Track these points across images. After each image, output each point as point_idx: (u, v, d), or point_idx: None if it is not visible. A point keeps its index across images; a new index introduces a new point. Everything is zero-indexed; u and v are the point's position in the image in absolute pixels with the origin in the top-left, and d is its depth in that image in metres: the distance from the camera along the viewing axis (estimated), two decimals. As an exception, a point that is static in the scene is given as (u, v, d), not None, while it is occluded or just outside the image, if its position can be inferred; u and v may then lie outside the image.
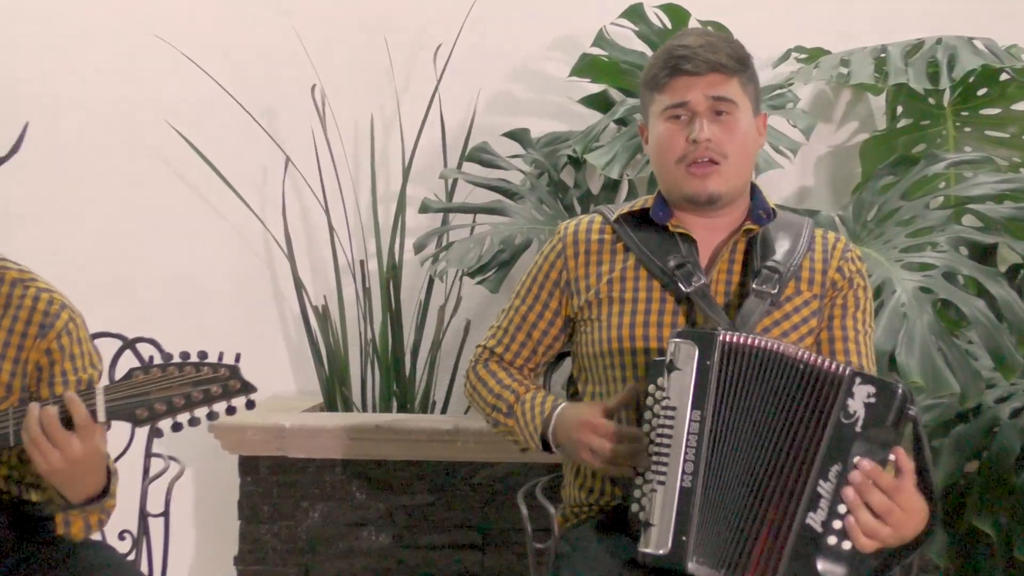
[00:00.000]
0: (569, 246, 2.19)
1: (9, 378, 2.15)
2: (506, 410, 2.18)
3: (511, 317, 2.25)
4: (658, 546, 1.84)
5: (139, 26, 3.36)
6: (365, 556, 3.01)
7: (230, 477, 3.08)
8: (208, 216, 3.42)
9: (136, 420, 1.90)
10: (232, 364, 1.91)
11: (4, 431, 1.95)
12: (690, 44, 2.07)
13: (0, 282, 2.18)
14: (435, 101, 3.27)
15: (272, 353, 3.42)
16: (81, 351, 2.21)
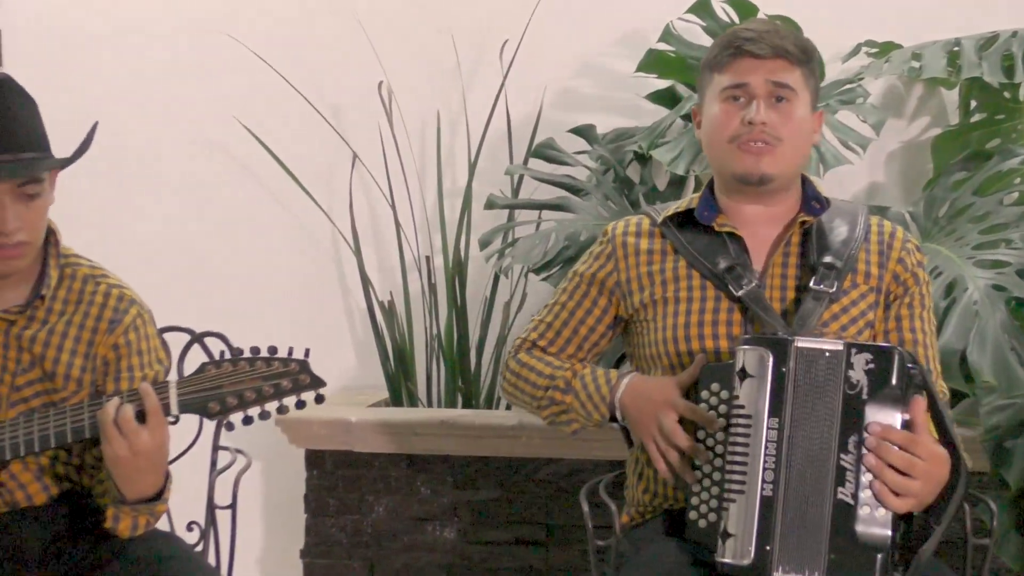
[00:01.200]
0: (619, 248, 2.17)
1: (80, 373, 2.18)
2: (563, 386, 2.13)
3: (556, 312, 2.22)
4: (740, 556, 1.84)
5: (209, 24, 3.40)
6: (429, 551, 3.02)
7: (297, 471, 3.11)
8: (276, 212, 3.45)
9: (208, 413, 1.93)
10: (302, 359, 1.93)
11: (79, 424, 1.98)
12: (756, 28, 2.06)
13: (72, 278, 2.22)
14: (501, 97, 3.27)
15: (338, 348, 3.45)
16: (148, 347, 2.24)
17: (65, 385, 2.16)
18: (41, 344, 2.16)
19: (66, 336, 2.17)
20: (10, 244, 2.06)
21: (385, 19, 3.37)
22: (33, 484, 2.18)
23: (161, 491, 2.06)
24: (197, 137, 3.46)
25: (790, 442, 1.85)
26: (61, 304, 2.19)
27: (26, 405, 2.16)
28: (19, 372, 2.16)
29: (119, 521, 2.11)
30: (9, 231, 2.05)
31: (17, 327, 2.15)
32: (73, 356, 2.17)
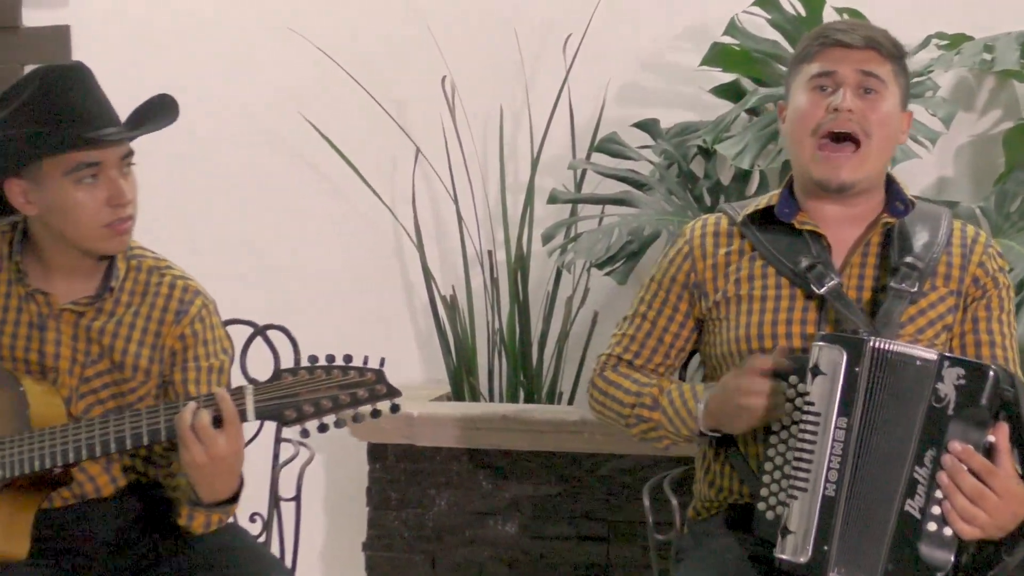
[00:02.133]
0: (696, 248, 2.15)
1: (148, 363, 2.21)
2: (651, 403, 2.10)
3: (638, 324, 2.19)
4: (797, 553, 1.83)
5: (273, 19, 3.43)
6: (491, 545, 3.02)
7: (359, 464, 3.13)
8: (339, 207, 3.47)
9: (284, 421, 1.93)
10: (378, 368, 1.93)
11: (155, 426, 2.00)
12: (852, 21, 2.06)
13: (138, 270, 2.24)
14: (564, 92, 3.26)
15: (400, 342, 3.46)
16: (213, 337, 2.26)
17: (133, 375, 2.19)
18: (110, 335, 2.18)
19: (134, 327, 2.20)
20: (127, 216, 2.11)
21: (449, 14, 3.37)
22: (102, 476, 2.21)
23: (236, 493, 2.08)
24: (261, 131, 3.48)
25: (860, 444, 1.83)
26: (128, 296, 2.21)
27: (95, 396, 2.19)
28: (88, 363, 2.19)
29: (193, 520, 2.14)
30: (127, 200, 2.10)
31: (86, 319, 2.18)
32: (141, 347, 2.20)
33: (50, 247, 2.17)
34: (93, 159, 2.07)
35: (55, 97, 2.06)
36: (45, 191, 2.09)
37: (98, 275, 2.20)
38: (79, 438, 2.01)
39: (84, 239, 2.12)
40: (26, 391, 2.08)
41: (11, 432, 2.06)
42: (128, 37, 3.53)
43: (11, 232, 2.23)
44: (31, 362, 2.18)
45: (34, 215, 2.14)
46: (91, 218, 2.09)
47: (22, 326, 2.18)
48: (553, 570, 2.99)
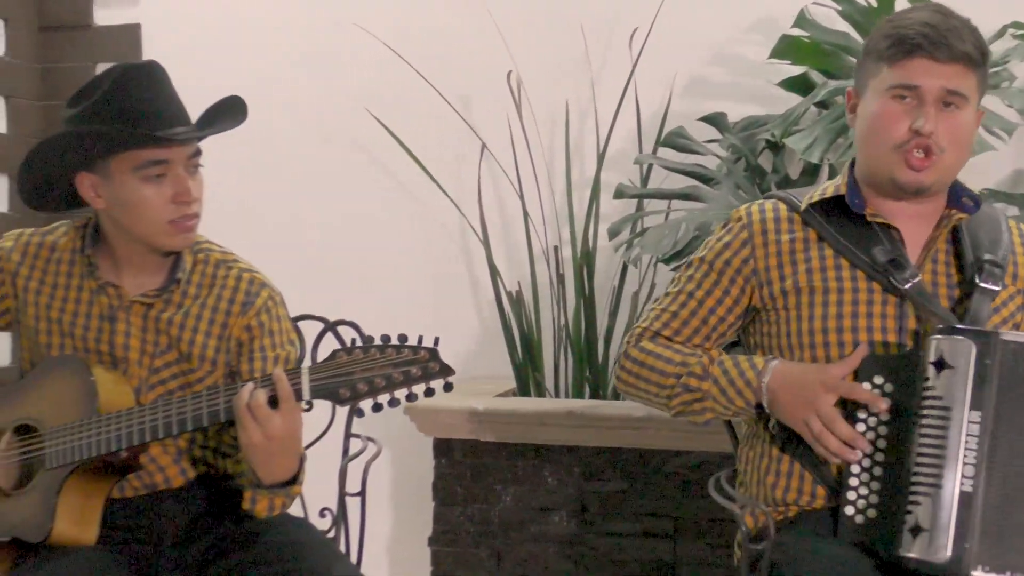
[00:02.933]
0: (757, 235, 2.09)
1: (214, 353, 2.24)
2: (700, 372, 2.04)
3: (682, 301, 2.12)
4: (933, 553, 1.79)
5: (340, 15, 3.44)
6: (556, 542, 3.01)
7: (425, 459, 3.13)
8: (406, 203, 3.48)
9: (339, 399, 1.94)
10: (432, 347, 1.93)
11: (215, 407, 2.03)
12: (936, 24, 1.94)
13: (205, 263, 2.27)
14: (630, 86, 3.24)
15: (466, 338, 3.46)
16: (279, 328, 2.28)
17: (200, 365, 2.22)
18: (177, 327, 2.21)
19: (200, 319, 2.23)
20: (192, 214, 2.14)
21: (515, 9, 3.36)
22: (172, 467, 2.24)
23: (296, 474, 2.09)
24: (328, 128, 3.50)
25: (993, 438, 1.80)
26: (195, 288, 2.24)
27: (164, 387, 2.22)
28: (157, 354, 2.22)
29: (256, 503, 2.15)
30: (193, 198, 2.13)
31: (155, 310, 2.22)
32: (208, 338, 2.23)
33: (119, 242, 2.20)
34: (161, 157, 2.11)
35: (127, 95, 2.10)
36: (114, 186, 2.13)
37: (166, 268, 2.23)
38: (143, 421, 2.05)
39: (149, 234, 2.15)
40: (96, 380, 2.12)
41: (80, 418, 2.09)
42: (197, 35, 3.56)
43: (83, 227, 2.27)
44: (102, 353, 2.22)
45: (102, 209, 2.17)
46: (156, 214, 2.13)
47: (93, 318, 2.22)
48: (619, 567, 2.97)
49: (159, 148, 2.10)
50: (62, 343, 2.23)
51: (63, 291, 2.25)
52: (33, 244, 2.28)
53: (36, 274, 2.26)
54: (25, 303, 2.26)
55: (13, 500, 2.15)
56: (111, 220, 2.19)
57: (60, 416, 2.12)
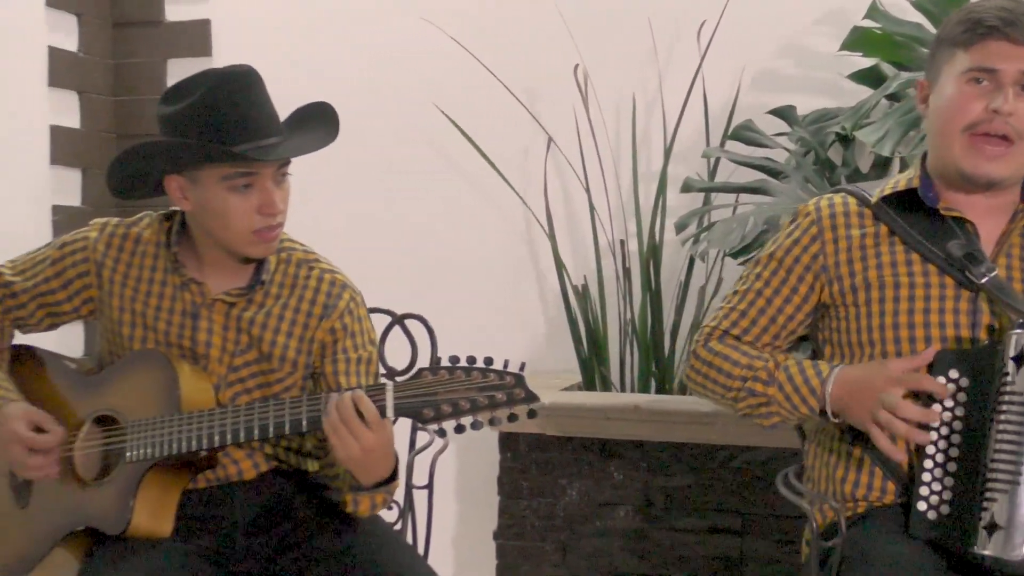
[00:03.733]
0: (827, 230, 2.06)
1: (295, 355, 2.25)
2: (766, 377, 2.02)
3: (751, 299, 2.09)
4: (1010, 551, 1.77)
5: (408, 10, 3.45)
6: (621, 536, 3.01)
7: (490, 453, 3.14)
8: (471, 196, 3.49)
9: (422, 419, 1.94)
10: (518, 372, 1.92)
11: (297, 417, 2.03)
12: (1012, 9, 1.90)
13: (287, 263, 2.29)
14: (698, 79, 3.22)
15: (532, 331, 3.46)
16: (361, 329, 2.29)
17: (280, 366, 2.23)
18: (259, 326, 2.23)
19: (282, 319, 2.24)
20: (275, 224, 2.16)
21: (582, 2, 3.35)
22: (245, 461, 2.26)
23: (394, 473, 2.10)
24: (396, 122, 3.52)
25: None
26: (277, 288, 2.26)
27: (242, 385, 2.24)
28: (237, 353, 2.24)
29: (359, 504, 2.17)
30: (278, 211, 2.15)
31: (237, 309, 2.23)
32: (289, 339, 2.24)
33: (203, 242, 2.23)
34: (250, 169, 2.12)
35: (221, 104, 2.10)
36: (201, 191, 2.15)
37: (250, 268, 2.25)
38: (224, 423, 2.06)
39: (231, 242, 2.17)
40: (178, 375, 2.14)
41: (161, 413, 2.12)
42: (266, 30, 3.59)
43: (169, 222, 2.29)
44: (184, 348, 2.24)
45: (188, 211, 2.20)
46: (241, 223, 2.14)
47: (176, 314, 2.24)
48: (685, 563, 2.96)
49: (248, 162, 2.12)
50: (144, 336, 2.26)
51: (147, 284, 2.27)
52: (118, 235, 2.31)
53: (121, 266, 2.28)
54: (110, 294, 2.28)
55: (92, 491, 2.18)
56: (196, 222, 2.22)
57: (142, 410, 2.15)
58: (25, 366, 2.37)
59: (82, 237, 2.31)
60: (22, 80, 3.32)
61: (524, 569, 3.08)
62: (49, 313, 2.34)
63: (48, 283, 2.30)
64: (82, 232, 2.32)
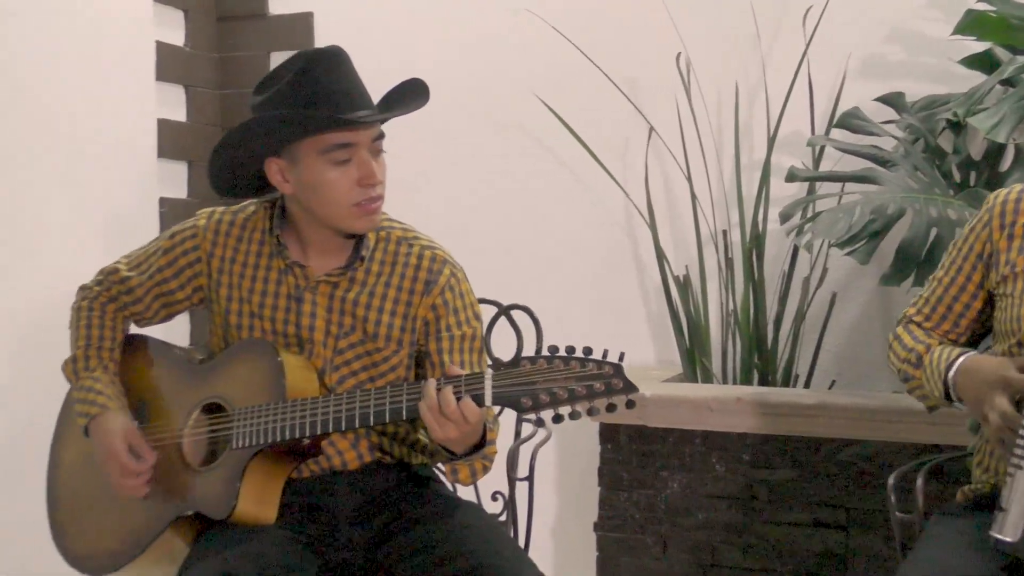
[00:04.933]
0: (996, 216, 2.06)
1: (400, 333, 2.26)
2: (915, 361, 2.10)
3: (933, 287, 2.16)
4: (1007, 532, 1.80)
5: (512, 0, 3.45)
6: (724, 530, 2.98)
7: (591, 444, 3.13)
8: (572, 187, 3.47)
9: (519, 408, 1.93)
10: (616, 363, 1.91)
11: (397, 404, 2.05)
12: None
13: (387, 241, 2.30)
14: (803, 67, 3.16)
15: (632, 322, 3.44)
16: (463, 304, 2.30)
17: (386, 345, 2.25)
18: (363, 307, 2.25)
19: (385, 298, 2.26)
20: (376, 196, 2.18)
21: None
22: (349, 451, 2.28)
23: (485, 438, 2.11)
24: (496, 112, 3.51)
25: None
26: (378, 266, 2.27)
27: (348, 368, 2.26)
28: (341, 335, 2.26)
29: (458, 473, 2.19)
30: (377, 182, 2.17)
31: (340, 290, 2.25)
32: (393, 317, 2.26)
33: (304, 224, 2.25)
34: (346, 140, 2.14)
35: (313, 80, 2.14)
36: (300, 170, 2.17)
37: (349, 247, 2.27)
38: (327, 411, 2.08)
39: (335, 217, 2.19)
40: (283, 362, 2.16)
41: (267, 402, 2.15)
42: (368, 22, 3.62)
43: (270, 209, 2.32)
44: (289, 335, 2.26)
45: (290, 193, 2.22)
46: (342, 197, 2.16)
47: (281, 298, 2.27)
48: (788, 557, 2.92)
49: (344, 131, 2.14)
50: (251, 324, 2.29)
51: (252, 270, 2.30)
52: (225, 223, 2.34)
53: (228, 253, 2.32)
54: (218, 283, 2.32)
55: (199, 476, 2.22)
56: (298, 204, 2.24)
57: (248, 398, 2.18)
58: (136, 355, 2.42)
59: (191, 226, 2.35)
60: (131, 75, 3.39)
61: (624, 561, 3.07)
62: (165, 304, 2.39)
63: (161, 272, 2.35)
64: (191, 221, 2.37)
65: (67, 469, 2.41)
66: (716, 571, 2.99)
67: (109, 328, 2.38)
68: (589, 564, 3.11)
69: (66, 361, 2.37)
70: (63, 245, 3.06)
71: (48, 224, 3.05)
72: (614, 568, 3.07)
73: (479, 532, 2.18)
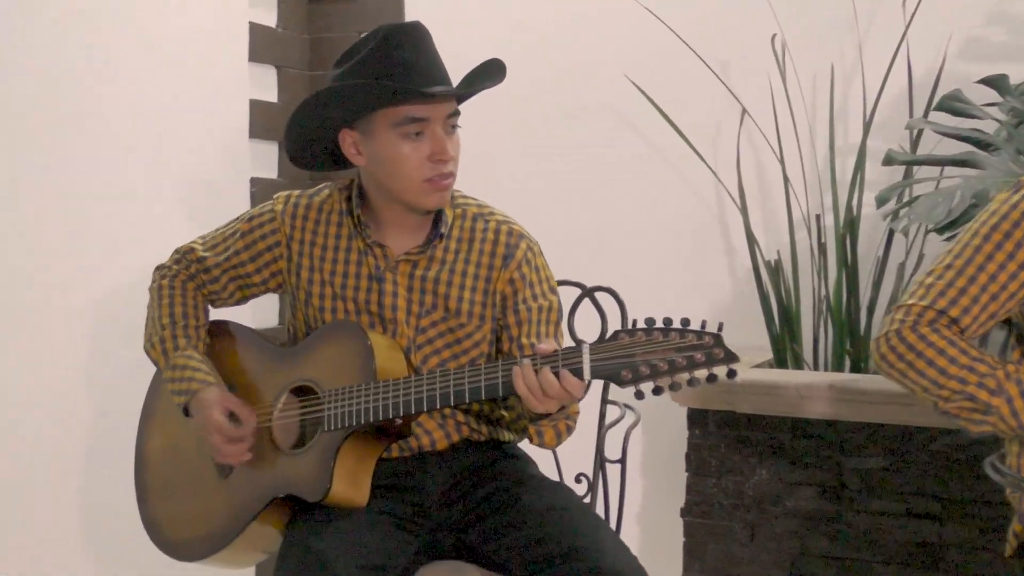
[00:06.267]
0: None
1: (481, 309, 2.27)
2: (994, 386, 1.89)
3: (970, 275, 1.92)
4: None
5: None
6: (813, 518, 2.94)
7: (678, 429, 3.11)
8: (661, 169, 3.44)
9: (619, 381, 1.91)
10: (716, 333, 1.88)
11: (493, 381, 2.04)
12: None
13: (463, 217, 2.30)
14: (901, 48, 3.10)
15: (721, 306, 3.40)
16: (539, 278, 2.30)
17: (469, 321, 2.26)
18: (444, 284, 2.25)
19: (465, 275, 2.26)
20: (447, 173, 2.18)
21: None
22: (437, 431, 2.28)
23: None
24: (587, 94, 3.49)
25: None
26: (456, 243, 2.28)
27: (431, 347, 2.27)
28: (423, 314, 2.26)
29: (543, 436, 2.20)
30: (449, 158, 2.17)
31: (420, 268, 2.26)
32: (473, 293, 2.26)
33: (380, 202, 2.26)
34: (421, 114, 2.14)
35: (391, 53, 2.14)
36: (374, 142, 2.18)
37: (427, 225, 2.27)
38: (420, 390, 2.08)
39: (405, 192, 2.19)
40: (373, 344, 2.17)
41: (357, 383, 2.15)
42: (458, 4, 3.61)
43: (346, 190, 2.33)
44: (372, 314, 2.27)
45: (362, 165, 2.23)
46: (413, 171, 2.16)
47: (362, 279, 2.28)
48: (879, 547, 2.88)
49: (419, 105, 2.14)
50: (334, 306, 2.30)
51: (332, 252, 2.31)
52: (302, 205, 2.36)
53: (308, 236, 2.33)
54: (299, 266, 2.33)
55: (291, 459, 2.23)
56: (372, 179, 2.24)
57: (338, 379, 2.19)
58: (222, 340, 2.44)
59: (269, 210, 2.37)
60: (225, 56, 3.42)
61: (712, 548, 3.04)
62: (240, 286, 2.41)
63: (239, 255, 2.37)
64: (268, 205, 2.38)
65: (156, 456, 2.44)
66: (805, 560, 2.95)
67: (192, 307, 2.39)
68: (676, 550, 3.09)
69: (151, 342, 2.37)
70: (156, 226, 3.10)
71: (140, 205, 3.09)
72: (701, 554, 3.05)
73: (572, 513, 2.18)
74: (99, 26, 2.96)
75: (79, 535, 2.93)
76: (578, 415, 2.23)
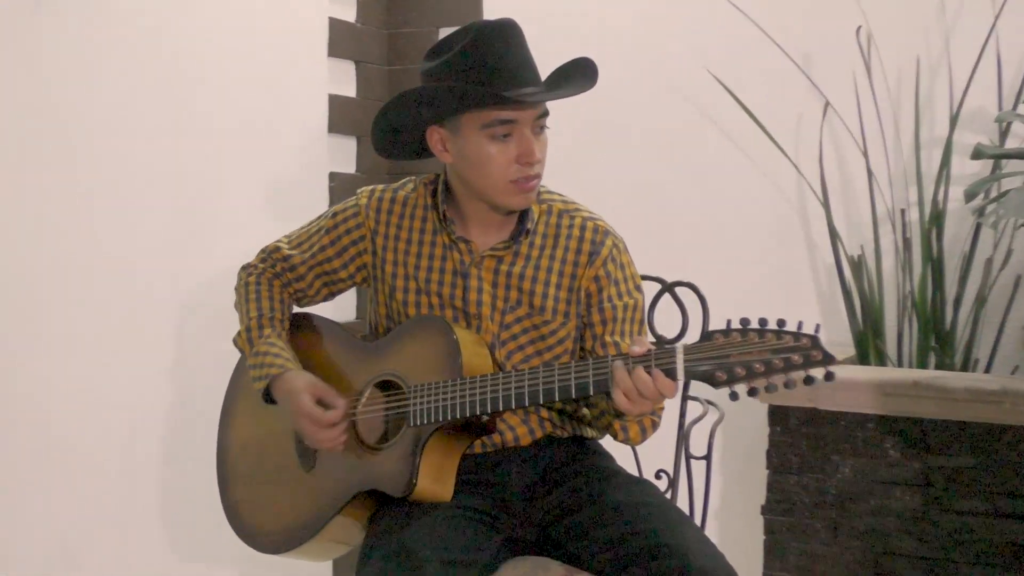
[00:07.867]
0: None
1: (566, 306, 2.26)
2: None
3: None
4: None
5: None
6: (897, 517, 2.90)
7: (758, 426, 3.08)
8: (742, 163, 3.40)
9: (714, 382, 1.89)
10: (813, 334, 1.86)
11: (583, 380, 2.02)
12: None
13: (548, 213, 2.30)
14: (991, 39, 3.04)
15: (802, 302, 3.36)
16: (625, 275, 2.28)
17: (553, 318, 2.25)
18: (529, 280, 2.25)
19: (550, 271, 2.25)
20: (533, 175, 2.17)
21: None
22: (521, 427, 2.28)
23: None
24: (667, 87, 3.46)
25: None
26: (541, 239, 2.27)
27: (515, 343, 2.26)
28: (507, 310, 2.26)
29: (628, 431, 2.19)
30: (536, 161, 2.16)
31: (505, 264, 2.25)
32: (558, 290, 2.25)
33: (465, 198, 2.26)
34: (509, 117, 2.13)
35: (482, 53, 2.13)
36: (461, 141, 2.18)
37: (512, 221, 2.27)
38: (508, 387, 2.08)
39: (491, 191, 2.19)
40: (459, 339, 2.17)
41: (443, 378, 2.15)
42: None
43: (430, 185, 2.33)
44: (457, 309, 2.27)
45: (449, 162, 2.23)
46: (500, 172, 2.16)
47: (447, 274, 2.28)
48: (967, 547, 2.82)
49: (508, 108, 2.13)
50: (418, 300, 2.30)
51: (417, 247, 2.31)
52: (386, 200, 2.36)
53: (392, 230, 2.34)
54: (383, 261, 2.34)
55: (376, 454, 2.24)
56: (457, 175, 2.24)
57: (423, 375, 2.19)
58: (306, 332, 2.45)
59: (353, 205, 2.37)
60: (305, 50, 3.45)
61: (793, 546, 3.01)
62: (327, 283, 2.42)
63: (324, 251, 2.37)
64: (352, 200, 2.39)
65: (239, 446, 2.46)
66: (888, 559, 2.91)
67: (278, 301, 2.41)
68: (756, 547, 3.06)
69: (238, 333, 2.40)
70: (234, 220, 3.14)
71: (219, 200, 3.13)
72: (782, 552, 3.02)
73: (658, 510, 2.16)
74: (189, 31, 3.01)
75: (159, 525, 2.98)
76: (663, 411, 2.21)
